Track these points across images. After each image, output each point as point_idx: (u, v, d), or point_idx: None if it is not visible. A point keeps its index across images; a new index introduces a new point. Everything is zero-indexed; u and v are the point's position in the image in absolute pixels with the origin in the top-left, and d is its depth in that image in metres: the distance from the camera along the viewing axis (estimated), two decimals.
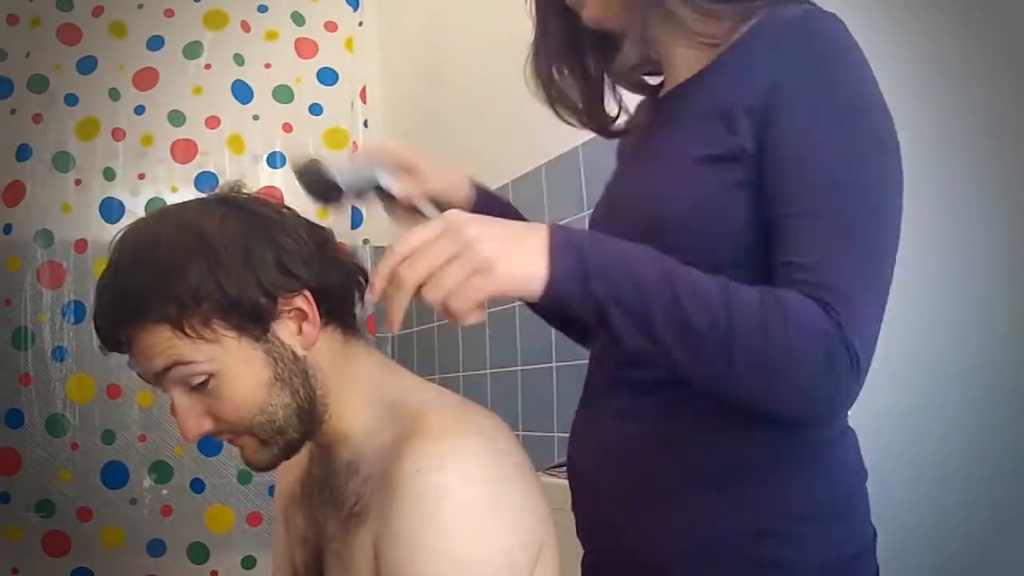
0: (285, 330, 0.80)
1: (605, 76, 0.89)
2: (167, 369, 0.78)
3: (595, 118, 0.89)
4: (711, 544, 0.72)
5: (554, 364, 1.88)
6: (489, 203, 0.98)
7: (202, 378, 0.77)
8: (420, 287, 0.63)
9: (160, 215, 0.83)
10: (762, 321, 0.62)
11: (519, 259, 0.64)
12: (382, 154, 0.96)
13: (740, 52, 0.73)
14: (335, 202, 0.94)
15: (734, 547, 0.72)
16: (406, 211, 0.94)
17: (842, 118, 0.68)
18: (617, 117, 0.91)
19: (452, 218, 0.65)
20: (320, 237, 0.84)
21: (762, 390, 0.64)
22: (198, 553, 2.14)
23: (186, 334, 0.76)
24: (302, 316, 0.80)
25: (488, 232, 0.64)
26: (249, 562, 2.15)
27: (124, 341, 0.79)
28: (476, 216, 0.66)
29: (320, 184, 0.93)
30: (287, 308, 0.80)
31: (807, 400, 0.65)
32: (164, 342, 0.77)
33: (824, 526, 0.72)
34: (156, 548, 2.13)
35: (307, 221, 0.85)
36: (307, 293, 0.80)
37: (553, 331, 1.02)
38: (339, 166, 0.93)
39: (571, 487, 0.85)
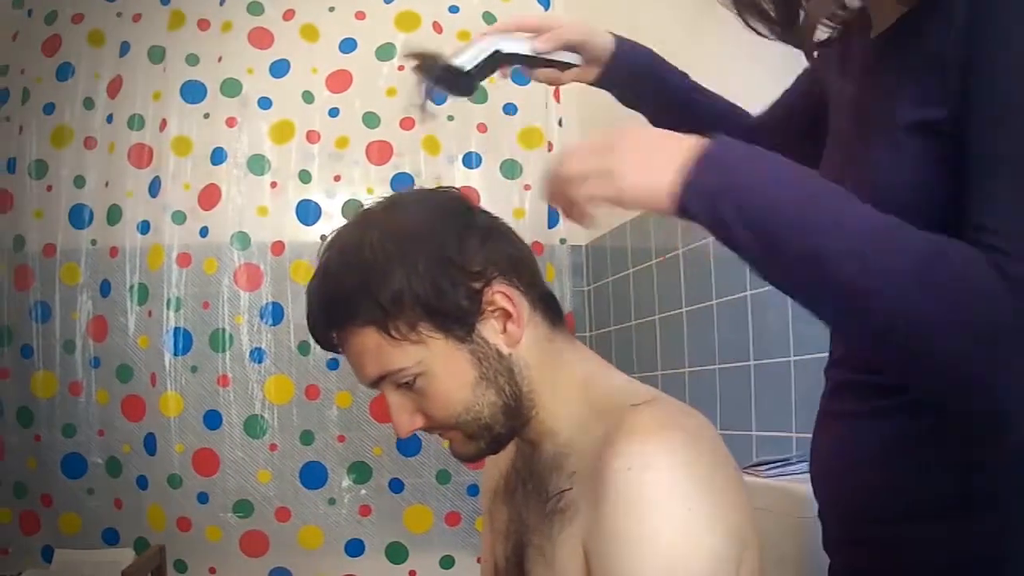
0: (490, 330, 0.81)
1: None
2: (380, 378, 0.81)
3: (790, 26, 0.78)
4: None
5: (752, 363, 1.87)
6: (633, 52, 1.01)
7: (411, 378, 0.80)
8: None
9: (364, 219, 0.85)
10: (918, 265, 0.55)
11: (646, 173, 0.64)
12: (502, 26, 1.00)
13: None
14: (466, 88, 0.95)
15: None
16: (546, 67, 1.00)
17: None
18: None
19: (615, 130, 0.67)
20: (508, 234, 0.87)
21: (917, 351, 0.56)
22: (396, 553, 2.15)
23: (392, 336, 0.78)
24: (506, 315, 0.82)
25: (633, 141, 0.66)
26: (448, 562, 2.15)
27: (336, 342, 0.83)
28: (635, 128, 0.68)
29: (443, 72, 0.93)
30: (490, 308, 0.81)
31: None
32: (373, 346, 0.79)
33: None
34: (354, 548, 2.14)
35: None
36: (508, 292, 0.81)
37: (751, 329, 0.97)
38: (457, 50, 0.95)
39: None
